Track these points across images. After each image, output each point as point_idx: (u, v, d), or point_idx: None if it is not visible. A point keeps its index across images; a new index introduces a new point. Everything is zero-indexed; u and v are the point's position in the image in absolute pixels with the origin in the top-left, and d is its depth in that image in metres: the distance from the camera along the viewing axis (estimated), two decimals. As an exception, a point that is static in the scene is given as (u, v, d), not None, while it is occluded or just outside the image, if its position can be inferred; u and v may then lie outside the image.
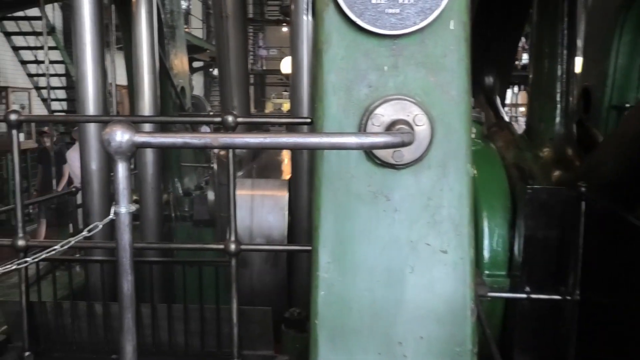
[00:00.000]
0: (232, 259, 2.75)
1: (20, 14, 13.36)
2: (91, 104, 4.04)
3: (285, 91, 36.60)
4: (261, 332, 2.99)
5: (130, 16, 5.28)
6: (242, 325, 2.87)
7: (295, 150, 3.78)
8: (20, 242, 2.84)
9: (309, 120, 2.92)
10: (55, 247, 2.19)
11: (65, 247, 2.20)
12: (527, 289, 3.51)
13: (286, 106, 33.40)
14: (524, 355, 3.59)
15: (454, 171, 1.74)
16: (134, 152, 1.28)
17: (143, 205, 5.14)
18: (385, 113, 1.69)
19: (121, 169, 1.27)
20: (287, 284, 4.04)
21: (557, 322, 3.52)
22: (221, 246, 2.76)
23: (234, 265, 2.75)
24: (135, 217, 6.89)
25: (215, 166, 4.24)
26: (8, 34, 13.52)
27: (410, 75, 1.76)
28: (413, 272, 1.73)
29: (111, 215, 1.35)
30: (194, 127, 7.77)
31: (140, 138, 1.26)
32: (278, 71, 33.75)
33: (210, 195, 4.29)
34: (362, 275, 1.73)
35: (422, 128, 1.68)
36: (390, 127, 1.65)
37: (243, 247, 2.76)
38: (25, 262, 2.26)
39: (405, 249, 1.73)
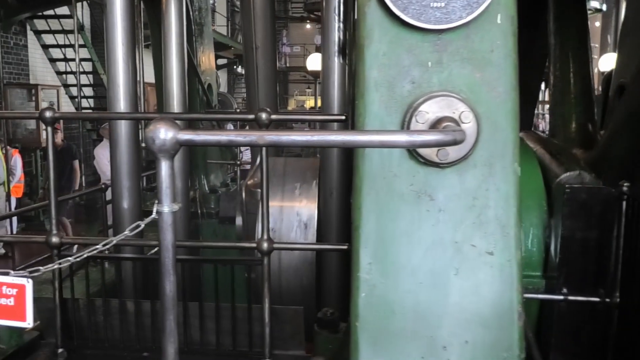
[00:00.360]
0: (264, 258, 2.72)
1: (49, 12, 13.55)
2: (122, 102, 4.05)
3: (309, 88, 36.68)
4: (293, 332, 2.96)
5: (159, 14, 5.30)
6: (274, 324, 2.84)
7: (326, 148, 3.74)
8: (54, 239, 2.85)
9: (343, 117, 2.88)
10: (97, 245, 2.17)
11: (108, 246, 2.19)
12: (564, 290, 3.42)
13: (309, 103, 33.40)
14: (560, 358, 3.49)
15: (500, 170, 1.68)
16: (177, 150, 1.25)
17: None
18: (430, 110, 1.64)
19: (164, 167, 1.25)
20: (316, 282, 4.00)
21: (595, 325, 3.43)
22: (253, 244, 2.74)
23: (267, 264, 2.72)
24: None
25: (243, 195, 4.22)
26: (38, 32, 13.72)
27: (455, 71, 1.70)
28: (458, 274, 1.67)
29: (153, 214, 1.32)
30: (220, 125, 7.78)
31: (184, 136, 1.23)
32: (301, 68, 33.86)
33: (238, 221, 4.28)
34: (404, 277, 1.68)
35: (468, 126, 1.62)
36: (435, 125, 1.59)
37: (276, 245, 2.73)
38: (68, 260, 2.25)
39: (449, 250, 1.68)
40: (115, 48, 4.01)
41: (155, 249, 3.96)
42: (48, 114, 2.74)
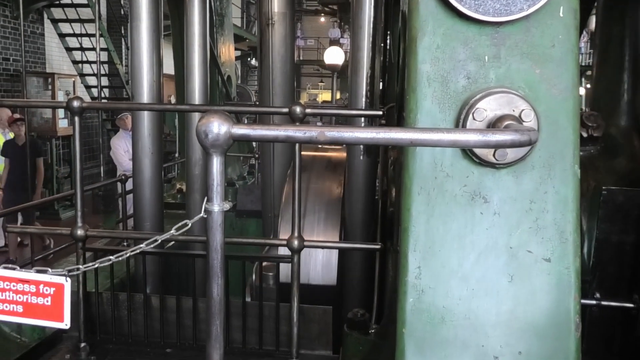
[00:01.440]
0: (294, 256, 2.65)
1: (67, 1, 13.53)
2: (146, 92, 3.99)
3: (321, 82, 36.55)
4: (320, 331, 2.89)
5: (182, 3, 5.22)
6: (301, 324, 2.77)
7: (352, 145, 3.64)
8: (80, 232, 2.78)
9: (380, 112, 2.79)
10: (155, 237, 2.09)
11: (152, 245, 2.11)
12: (597, 295, 3.32)
13: (322, 97, 33.27)
14: (591, 364, 3.40)
15: (560, 173, 1.59)
16: (230, 146, 1.17)
17: (189, 193, 5.12)
18: (489, 107, 1.55)
19: (216, 163, 1.17)
20: (338, 281, 3.92)
21: (628, 332, 3.32)
22: (284, 242, 2.66)
23: (297, 262, 2.65)
24: (180, 205, 6.88)
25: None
26: (55, 21, 13.71)
27: (514, 66, 1.61)
28: (512, 282, 1.59)
29: (202, 213, 1.24)
30: (238, 119, 7.71)
31: (238, 130, 1.15)
32: (315, 61, 33.79)
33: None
34: (455, 283, 1.60)
35: (529, 125, 1.53)
36: (496, 123, 1.50)
37: (306, 243, 2.65)
38: (109, 259, 2.17)
39: (504, 255, 1.59)
40: (140, 38, 3.95)
41: (171, 243, 3.91)
42: (76, 103, 2.67)
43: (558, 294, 1.58)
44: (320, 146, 4.61)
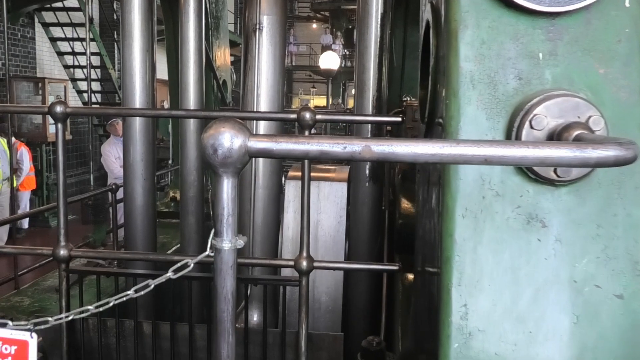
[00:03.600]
0: (302, 278, 2.38)
1: (58, 5, 13.23)
2: (138, 96, 3.72)
3: (314, 87, 36.35)
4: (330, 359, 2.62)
5: (176, 6, 4.96)
6: (309, 352, 2.50)
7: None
8: (62, 252, 2.50)
9: (399, 119, 2.53)
10: (147, 282, 1.80)
11: (143, 291, 1.82)
12: None
13: (313, 102, 33.06)
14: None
15: (631, 192, 1.33)
16: (245, 164, 0.90)
17: (184, 202, 4.84)
18: (549, 113, 1.29)
19: (227, 187, 0.90)
20: (343, 304, 3.65)
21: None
22: (291, 263, 2.39)
23: (305, 285, 2.38)
24: (175, 214, 6.58)
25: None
26: (46, 25, 13.40)
27: (573, 65, 1.36)
28: (578, 323, 1.32)
29: (208, 251, 0.97)
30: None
31: (257, 143, 0.88)
32: (307, 67, 33.59)
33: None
34: (509, 325, 1.33)
35: (599, 134, 1.27)
36: (562, 134, 1.24)
37: (316, 264, 2.38)
38: (107, 302, 1.89)
39: (567, 291, 1.33)
40: (132, 41, 3.70)
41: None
42: (59, 108, 2.40)
43: (633, 336, 1.32)
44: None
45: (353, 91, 4.43)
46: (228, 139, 0.88)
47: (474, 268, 1.34)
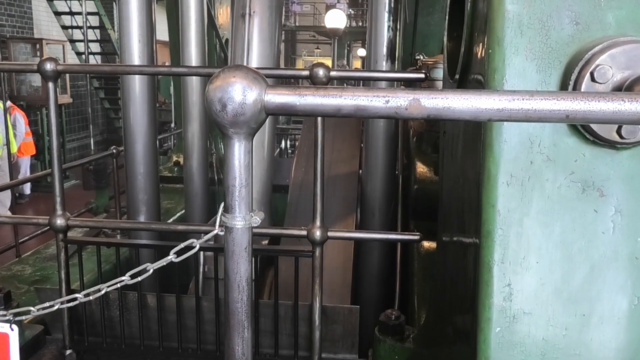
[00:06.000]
0: (316, 249, 2.22)
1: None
2: (136, 55, 3.51)
3: (318, 48, 35.71)
4: (344, 334, 2.48)
5: (175, -43, 4.69)
6: (323, 325, 2.37)
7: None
8: (59, 221, 2.35)
9: (422, 75, 2.33)
10: (146, 265, 1.64)
11: (142, 276, 1.66)
12: None
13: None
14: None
15: None
16: (261, 124, 0.72)
17: (187, 167, 4.68)
18: (614, 64, 1.09)
19: (238, 152, 0.72)
20: (353, 274, 3.50)
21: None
22: (304, 232, 2.23)
23: (319, 257, 2.23)
24: (179, 179, 6.43)
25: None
26: (42, -16, 13.03)
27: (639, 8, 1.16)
28: (639, 305, 1.16)
29: (217, 229, 0.80)
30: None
31: (276, 96, 0.70)
32: (311, 27, 32.92)
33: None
34: (560, 307, 1.17)
35: (673, 89, 1.08)
36: (631, 88, 1.05)
37: (330, 234, 2.22)
38: (118, 282, 1.74)
39: (627, 269, 1.16)
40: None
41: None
42: (49, 66, 2.20)
43: (703, 321, 1.16)
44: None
45: (359, 52, 4.22)
46: (240, 92, 0.70)
47: (520, 243, 1.17)
